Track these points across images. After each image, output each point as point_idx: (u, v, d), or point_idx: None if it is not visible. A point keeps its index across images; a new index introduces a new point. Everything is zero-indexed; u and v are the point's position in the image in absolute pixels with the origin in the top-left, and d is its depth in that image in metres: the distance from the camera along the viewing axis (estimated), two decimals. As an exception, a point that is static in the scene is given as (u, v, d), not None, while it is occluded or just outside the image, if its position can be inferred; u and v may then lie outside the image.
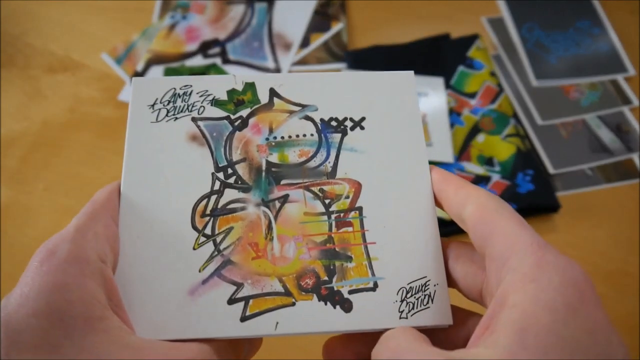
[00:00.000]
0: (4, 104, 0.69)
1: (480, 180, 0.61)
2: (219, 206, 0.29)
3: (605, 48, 0.73)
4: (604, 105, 0.68)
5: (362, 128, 0.31)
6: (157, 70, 0.71)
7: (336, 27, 0.75)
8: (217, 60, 0.72)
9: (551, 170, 0.63)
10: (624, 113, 0.68)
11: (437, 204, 0.30)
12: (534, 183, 0.61)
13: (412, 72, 0.33)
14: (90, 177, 0.63)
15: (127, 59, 0.73)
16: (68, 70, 0.72)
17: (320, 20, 0.76)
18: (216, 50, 0.73)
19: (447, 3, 0.77)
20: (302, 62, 0.73)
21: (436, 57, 0.71)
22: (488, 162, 0.63)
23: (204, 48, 0.73)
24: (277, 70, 0.71)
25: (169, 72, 0.71)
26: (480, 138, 0.65)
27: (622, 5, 0.76)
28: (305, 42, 0.74)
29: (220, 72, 0.71)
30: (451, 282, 0.28)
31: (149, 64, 0.72)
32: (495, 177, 0.62)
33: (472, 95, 0.68)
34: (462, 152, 0.64)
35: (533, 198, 0.60)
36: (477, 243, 0.26)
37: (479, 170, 0.62)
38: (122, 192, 0.29)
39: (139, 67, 0.71)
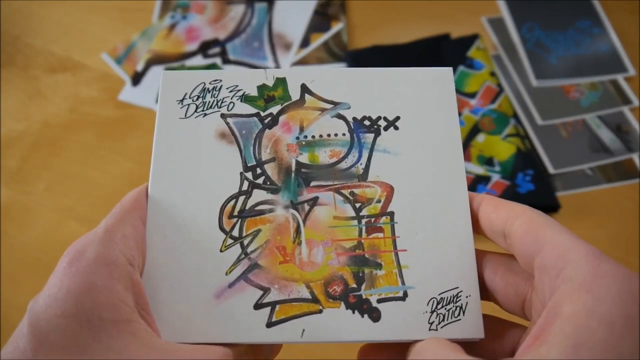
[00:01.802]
0: (4, 104, 0.69)
1: (480, 181, 0.61)
2: (247, 207, 0.28)
3: (605, 48, 0.73)
4: (604, 105, 0.68)
5: (397, 128, 0.30)
6: (157, 71, 0.71)
7: (336, 27, 0.75)
8: (217, 60, 0.72)
9: (551, 170, 0.63)
10: (624, 113, 0.68)
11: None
12: (534, 183, 0.61)
13: (450, 68, 0.31)
14: (90, 177, 0.63)
15: (127, 59, 0.73)
16: (68, 70, 0.72)
17: (320, 20, 0.76)
18: (216, 50, 0.73)
19: (447, 3, 0.77)
20: (302, 62, 0.73)
21: (436, 57, 0.71)
22: (488, 162, 0.63)
23: (204, 48, 0.73)
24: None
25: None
26: (480, 138, 0.65)
27: (622, 5, 0.76)
28: (305, 42, 0.74)
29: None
30: (487, 294, 0.27)
31: (149, 64, 0.72)
32: (495, 177, 0.62)
33: (472, 95, 0.68)
34: (462, 152, 0.64)
35: (533, 198, 0.60)
36: (525, 254, 0.25)
37: (479, 170, 0.62)
38: (149, 191, 0.28)
39: (139, 67, 0.71)
